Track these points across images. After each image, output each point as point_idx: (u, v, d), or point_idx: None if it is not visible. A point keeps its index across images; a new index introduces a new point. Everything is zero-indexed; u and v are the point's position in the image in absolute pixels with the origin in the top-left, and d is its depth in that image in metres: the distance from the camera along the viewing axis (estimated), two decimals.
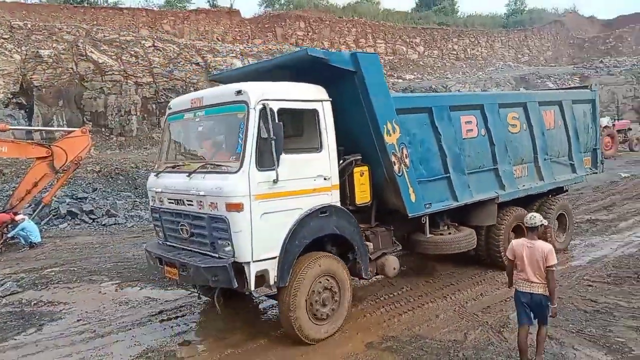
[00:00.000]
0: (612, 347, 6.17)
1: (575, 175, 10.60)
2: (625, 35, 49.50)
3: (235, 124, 6.15)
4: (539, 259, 5.38)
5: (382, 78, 7.22)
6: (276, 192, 6.05)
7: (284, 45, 32.58)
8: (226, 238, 5.93)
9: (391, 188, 7.18)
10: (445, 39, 43.44)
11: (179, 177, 6.72)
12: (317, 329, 6.54)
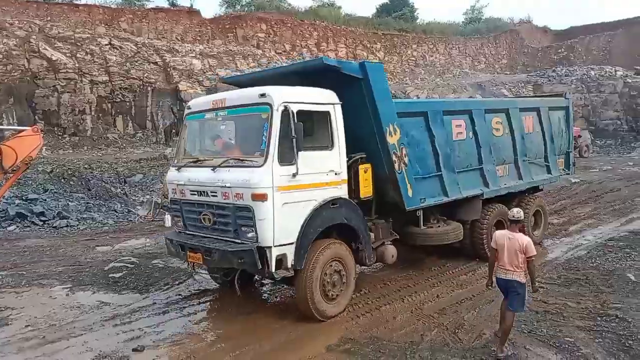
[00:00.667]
0: (562, 346, 6.37)
1: (550, 175, 11.58)
2: (576, 46, 51.46)
3: (259, 123, 6.81)
4: (517, 249, 5.92)
5: (386, 85, 8.01)
6: (295, 184, 6.75)
7: (244, 47, 32.37)
8: (250, 225, 6.63)
9: (391, 184, 7.97)
10: (404, 45, 44.10)
11: (202, 171, 7.34)
12: (328, 307, 7.28)
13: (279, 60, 32.06)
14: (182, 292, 8.90)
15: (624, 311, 7.25)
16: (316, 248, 7.07)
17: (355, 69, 7.53)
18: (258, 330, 7.24)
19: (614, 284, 8.37)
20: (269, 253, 6.58)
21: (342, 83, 7.49)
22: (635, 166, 20.63)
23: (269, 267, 6.62)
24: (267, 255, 6.58)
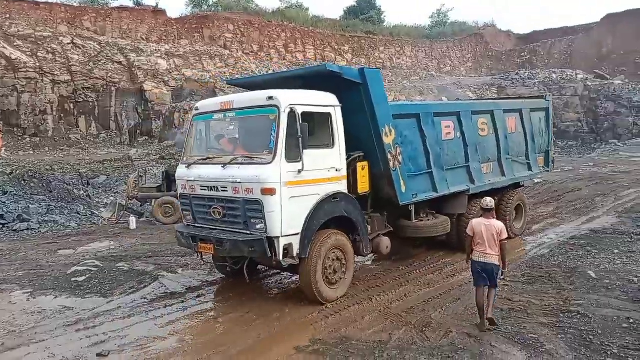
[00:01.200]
0: (526, 343, 6.50)
1: (531, 172, 12.39)
2: (539, 50, 52.77)
3: (267, 124, 7.36)
4: (494, 234, 6.70)
5: (383, 89, 8.60)
6: (300, 180, 7.35)
7: (212, 47, 32.05)
8: (259, 217, 7.19)
9: (386, 180, 8.58)
10: (372, 47, 44.44)
11: (212, 167, 7.88)
12: (330, 292, 7.90)
13: (247, 61, 31.86)
14: (147, 296, 8.74)
15: (585, 307, 7.45)
16: (319, 238, 7.67)
17: (355, 75, 8.13)
18: (225, 333, 7.17)
19: (575, 281, 8.58)
20: (277, 243, 7.18)
21: (342, 87, 8.09)
22: (595, 167, 21.28)
23: (276, 256, 7.22)
24: (275, 244, 7.19)
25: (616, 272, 8.83)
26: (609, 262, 9.44)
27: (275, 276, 9.67)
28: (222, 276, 9.69)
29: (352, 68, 8.70)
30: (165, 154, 22.82)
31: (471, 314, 7.49)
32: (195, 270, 10.14)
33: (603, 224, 12.48)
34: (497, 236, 6.70)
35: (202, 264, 10.43)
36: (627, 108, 32.81)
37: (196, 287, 9.12)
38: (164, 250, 11.67)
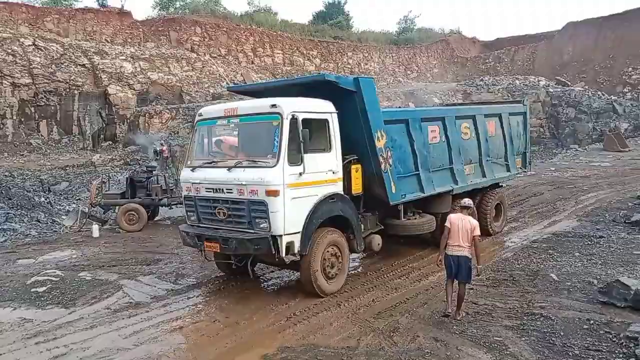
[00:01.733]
0: (491, 345, 6.61)
1: (509, 173, 13.11)
2: (502, 56, 53.99)
3: (270, 130, 7.83)
4: (468, 229, 7.30)
5: (376, 96, 9.12)
6: (301, 182, 7.87)
7: (178, 50, 31.65)
8: (264, 217, 7.70)
9: (378, 182, 9.12)
10: (340, 52, 44.68)
11: (217, 170, 8.33)
12: (328, 285, 8.45)
13: (214, 65, 31.58)
14: (111, 306, 8.53)
15: (547, 310, 7.61)
16: (317, 236, 8.18)
17: (350, 83, 8.67)
18: (192, 343, 7.06)
19: (538, 283, 8.77)
20: (280, 240, 7.68)
21: (338, 95, 8.61)
22: (556, 171, 21.84)
23: (279, 253, 7.70)
24: (278, 242, 7.68)
25: (577, 275, 9.06)
26: (570, 265, 9.68)
27: (242, 284, 9.58)
28: (187, 284, 9.57)
29: (347, 77, 9.18)
30: (129, 160, 22.40)
31: (438, 318, 7.57)
32: (161, 279, 9.96)
33: (564, 228, 12.80)
34: (471, 232, 7.29)
35: (168, 272, 10.29)
36: (587, 114, 33.84)
37: (161, 297, 8.95)
38: (128, 259, 11.43)
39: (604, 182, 19.09)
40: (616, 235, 11.51)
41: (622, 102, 34.78)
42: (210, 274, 10.19)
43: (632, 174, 20.39)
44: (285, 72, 37.17)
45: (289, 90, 8.92)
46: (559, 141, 34.65)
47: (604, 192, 17.19)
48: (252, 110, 8.45)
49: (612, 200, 15.64)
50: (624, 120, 32.21)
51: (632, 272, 8.93)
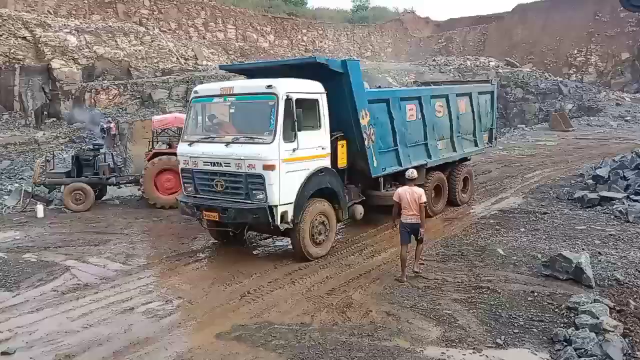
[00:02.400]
0: (441, 318, 6.81)
1: (477, 148, 14.08)
2: (454, 37, 54.73)
3: (266, 109, 8.48)
4: (416, 199, 8.01)
5: (361, 78, 9.93)
6: (294, 157, 8.55)
7: (126, 23, 30.48)
8: (261, 189, 8.38)
9: (361, 157, 9.94)
10: (295, 29, 44.17)
11: (215, 145, 8.92)
12: (316, 250, 9.21)
13: (164, 39, 30.62)
14: (58, 288, 8.27)
15: (494, 283, 7.89)
16: (308, 205, 8.91)
17: (338, 65, 9.43)
18: (143, 323, 6.94)
19: (485, 258, 9.06)
20: (276, 210, 8.38)
21: (326, 76, 9.27)
22: (504, 150, 22.48)
23: (274, 221, 8.40)
24: (274, 212, 8.37)
25: (522, 249, 9.41)
26: (515, 240, 10.04)
27: (194, 263, 9.47)
28: (138, 265, 9.40)
29: (335, 60, 9.96)
30: (75, 137, 21.56)
31: (389, 292, 7.72)
32: (110, 260, 9.72)
33: (511, 204, 13.24)
34: (418, 199, 8.01)
35: (117, 253, 10.06)
36: (534, 94, 34.86)
37: (111, 278, 8.74)
38: (75, 240, 11.07)
39: (549, 160, 19.81)
40: (559, 212, 12.00)
41: (568, 84, 35.99)
42: (162, 253, 10.02)
43: (575, 152, 21.24)
44: (239, 47, 36.49)
45: (280, 72, 9.50)
46: (507, 121, 35.60)
47: (549, 170, 17.86)
48: (249, 89, 9.20)
49: (557, 177, 16.27)
50: (568, 101, 33.39)
51: (574, 246, 9.34)
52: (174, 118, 14.70)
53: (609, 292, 7.32)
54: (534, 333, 6.38)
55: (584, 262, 7.72)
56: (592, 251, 8.88)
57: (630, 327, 6.26)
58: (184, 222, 12.34)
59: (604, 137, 24.98)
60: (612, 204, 11.78)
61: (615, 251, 8.99)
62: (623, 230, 10.16)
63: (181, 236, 11.23)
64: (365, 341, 6.25)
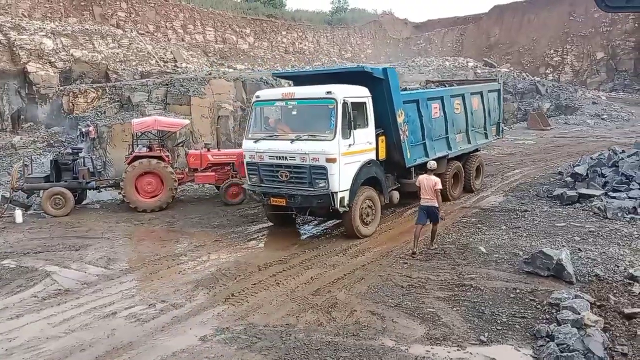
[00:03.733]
0: (425, 316, 6.86)
1: (487, 140, 15.83)
2: (433, 38, 55.23)
3: (326, 111, 9.91)
4: (432, 185, 9.36)
5: (398, 82, 11.45)
6: (350, 151, 10.02)
7: (103, 26, 30.12)
8: (323, 178, 9.84)
9: (397, 150, 11.37)
10: (274, 31, 44.09)
11: (279, 142, 10.35)
12: (365, 229, 10.61)
13: (142, 42, 30.32)
14: (38, 294, 8.14)
15: (477, 281, 7.97)
16: (359, 192, 10.32)
17: (379, 72, 10.86)
18: (124, 329, 6.85)
19: (468, 256, 9.16)
20: (336, 196, 9.85)
21: (369, 81, 10.73)
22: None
23: (334, 205, 9.88)
24: (335, 197, 9.83)
25: (504, 247, 9.53)
26: (497, 238, 10.16)
27: (177, 266, 9.39)
28: (120, 269, 9.31)
29: (378, 67, 11.47)
30: (53, 141, 21.22)
31: (374, 292, 7.75)
32: (91, 264, 9.59)
33: (492, 203, 13.40)
34: (433, 186, 9.32)
35: (98, 257, 9.93)
36: (512, 94, 35.33)
37: (92, 282, 8.63)
38: (55, 245, 10.91)
39: (528, 159, 20.09)
40: (539, 209, 12.17)
41: (545, 83, 36.57)
42: (144, 257, 9.91)
43: (554, 150, 21.58)
44: (218, 49, 36.32)
45: (329, 79, 11.03)
46: None
47: (528, 168, 18.11)
48: (309, 95, 10.43)
49: (536, 176, 16.50)
50: (546, 100, 33.92)
51: (554, 243, 9.49)
52: (153, 121, 14.56)
53: (589, 287, 7.44)
54: (517, 329, 6.45)
55: (565, 259, 7.85)
56: (572, 247, 9.03)
57: (610, 321, 6.37)
58: (166, 225, 12.25)
59: (582, 135, 25.42)
60: (590, 201, 12.00)
61: (594, 247, 9.16)
62: (602, 226, 10.34)
63: (163, 239, 11.14)
64: (351, 341, 6.26)
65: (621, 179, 12.78)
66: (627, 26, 41.62)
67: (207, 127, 19.25)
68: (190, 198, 15.10)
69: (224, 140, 19.55)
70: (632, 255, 8.66)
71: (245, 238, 11.13)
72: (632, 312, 6.54)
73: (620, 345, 5.91)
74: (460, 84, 16.82)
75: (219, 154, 15.09)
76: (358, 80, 10.71)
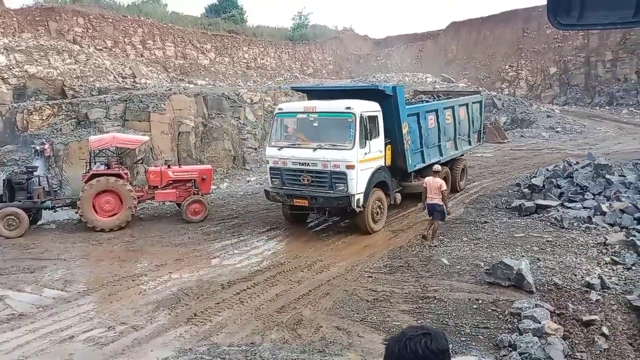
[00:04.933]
0: (391, 330, 6.87)
1: (470, 146, 17.64)
2: (393, 54, 56.18)
3: (346, 124, 11.33)
4: (437, 187, 10.83)
5: (404, 98, 13.07)
6: (366, 159, 11.46)
7: (59, 42, 29.42)
8: (343, 182, 11.18)
9: (401, 157, 12.82)
10: (235, 47, 43.98)
11: (302, 150, 11.70)
12: (374, 226, 12.03)
13: (100, 57, 29.76)
14: None
15: (440, 292, 8.05)
16: (371, 194, 11.67)
17: (390, 90, 12.36)
18: (81, 353, 6.62)
19: (431, 268, 9.25)
20: (354, 198, 11.14)
21: (380, 97, 12.19)
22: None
23: (352, 205, 11.16)
24: (352, 199, 11.11)
25: (465, 258, 9.67)
26: (459, 250, 10.31)
27: (137, 287, 9.14)
28: (77, 291, 8.99)
29: (388, 86, 13.33)
30: (6, 160, 20.48)
31: (339, 307, 7.72)
32: (47, 287, 9.23)
33: (452, 215, 13.59)
34: (439, 188, 10.81)
35: (54, 280, 9.57)
36: None
37: (48, 306, 8.30)
38: (8, 267, 10.44)
39: (487, 171, 20.53)
40: (499, 220, 12.44)
41: (501, 97, 37.59)
42: (102, 278, 9.61)
43: (511, 163, 22.13)
44: (178, 65, 35.98)
45: (344, 94, 12.85)
46: None
47: (487, 180, 18.50)
48: (330, 109, 11.80)
49: (495, 187, 16.88)
50: (503, 114, 34.81)
51: (514, 253, 9.69)
52: (112, 138, 14.22)
53: (548, 296, 7.62)
54: (480, 340, 6.54)
55: (524, 269, 8.02)
56: (531, 257, 9.24)
57: (569, 329, 6.53)
58: (125, 245, 11.93)
59: (537, 147, 26.18)
60: (547, 211, 12.33)
61: (552, 257, 9.39)
62: (559, 236, 10.63)
63: (122, 259, 10.83)
64: (317, 357, 6.21)
65: (576, 190, 13.21)
66: (578, 42, 43.36)
67: (167, 144, 18.91)
68: (150, 216, 14.78)
69: (185, 156, 19.26)
70: (588, 264, 8.92)
71: (208, 256, 10.94)
72: (589, 319, 6.72)
73: (579, 352, 6.06)
74: (446, 95, 18.85)
75: (180, 170, 14.84)
76: (367, 96, 12.29)
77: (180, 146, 19.49)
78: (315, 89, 16.57)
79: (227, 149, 20.74)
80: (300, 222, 12.98)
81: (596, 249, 9.75)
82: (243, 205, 15.49)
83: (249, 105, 22.74)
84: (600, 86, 41.07)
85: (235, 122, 21.52)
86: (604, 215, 11.40)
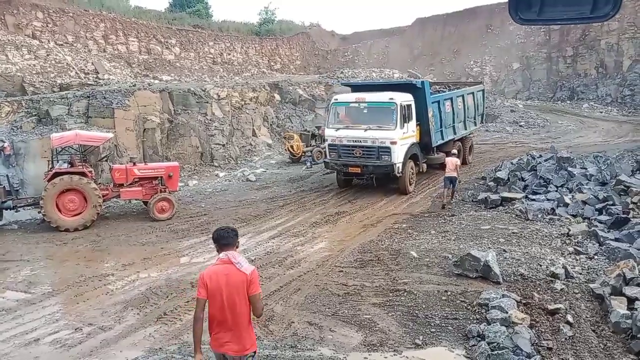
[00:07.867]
0: (362, 323, 6.93)
1: (476, 127, 22.09)
2: (360, 50, 56.37)
3: (389, 110, 14.89)
4: (455, 163, 14.04)
5: (429, 90, 16.71)
6: (403, 137, 15.03)
7: (17, 37, 28.48)
8: (387, 154, 14.75)
9: (427, 135, 16.42)
10: (201, 42, 43.37)
11: (354, 130, 15.26)
12: (410, 188, 15.57)
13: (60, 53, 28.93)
14: None
15: (410, 285, 8.15)
16: (407, 163, 15.23)
17: (420, 84, 16.29)
18: (47, 356, 6.45)
19: (401, 261, 9.36)
20: (395, 166, 14.76)
21: (412, 89, 16.08)
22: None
23: (394, 172, 14.79)
24: (395, 167, 14.75)
25: (434, 251, 9.82)
26: (427, 242, 10.45)
27: (104, 287, 8.95)
28: (42, 293, 8.75)
29: (419, 81, 17.41)
30: None
31: (311, 302, 7.73)
32: (10, 289, 8.96)
33: (420, 208, 13.79)
34: (455, 163, 14.01)
35: (18, 281, 9.30)
36: None
37: (12, 308, 8.06)
38: None
39: None
40: (466, 213, 12.67)
41: None
42: (68, 278, 9.37)
43: (476, 157, 22.51)
44: (143, 60, 35.29)
45: (384, 88, 16.71)
46: None
47: None
48: (377, 99, 15.47)
49: (461, 181, 17.13)
50: None
51: (481, 245, 9.88)
52: (74, 135, 13.84)
53: (515, 286, 7.80)
54: (450, 331, 6.65)
55: (491, 260, 8.19)
56: (497, 249, 9.44)
57: (535, 318, 6.71)
58: (91, 244, 11.68)
59: (502, 141, 26.72)
60: (512, 203, 12.62)
61: (518, 248, 9.62)
62: (524, 227, 10.89)
63: (88, 259, 10.60)
64: (289, 353, 6.21)
65: (540, 182, 13.56)
66: (539, 38, 44.35)
67: (132, 141, 18.53)
68: (116, 215, 14.48)
69: (151, 153, 18.93)
70: (553, 254, 9.17)
71: (177, 254, 10.81)
72: (554, 308, 6.92)
73: (545, 340, 6.23)
74: (455, 85, 22.93)
75: (146, 168, 14.57)
76: (401, 89, 16.02)
77: (145, 143, 19.16)
78: (360, 84, 21.45)
79: (195, 145, 20.49)
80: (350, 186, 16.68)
81: (560, 239, 10.03)
82: (212, 202, 15.34)
83: (216, 101, 22.48)
84: (562, 81, 42.14)
85: (202, 118, 21.25)
86: (566, 207, 11.75)
